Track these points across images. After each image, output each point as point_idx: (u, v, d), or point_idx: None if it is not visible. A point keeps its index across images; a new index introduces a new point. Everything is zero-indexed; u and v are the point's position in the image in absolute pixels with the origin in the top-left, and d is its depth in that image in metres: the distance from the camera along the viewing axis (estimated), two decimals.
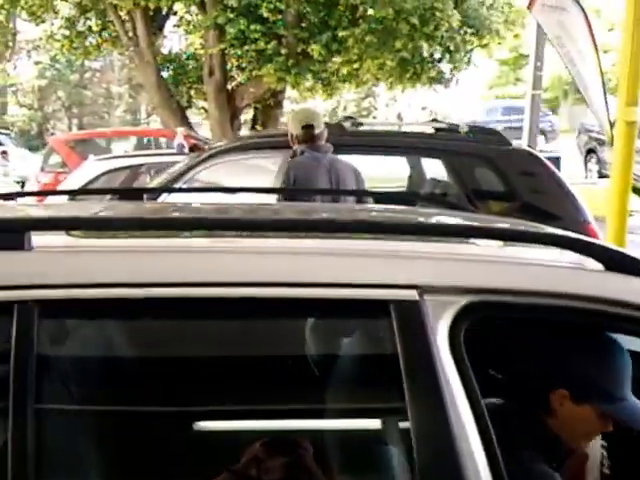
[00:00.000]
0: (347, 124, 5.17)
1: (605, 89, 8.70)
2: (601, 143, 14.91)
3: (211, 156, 4.98)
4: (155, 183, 5.65)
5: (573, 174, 12.96)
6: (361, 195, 3.70)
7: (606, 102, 8.50)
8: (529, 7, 9.76)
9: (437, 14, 10.76)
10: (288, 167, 4.18)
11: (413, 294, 1.54)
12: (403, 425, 1.54)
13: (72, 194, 4.45)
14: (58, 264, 1.59)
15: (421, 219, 2.49)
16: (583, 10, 9.21)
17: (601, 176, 14.31)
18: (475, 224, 2.18)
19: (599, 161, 14.87)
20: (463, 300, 1.56)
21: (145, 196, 3.30)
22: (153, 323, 1.72)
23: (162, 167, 8.27)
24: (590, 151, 15.50)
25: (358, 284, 1.57)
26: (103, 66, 30.92)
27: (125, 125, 29.66)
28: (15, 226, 1.62)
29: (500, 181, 5.05)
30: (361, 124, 5.33)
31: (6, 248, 1.55)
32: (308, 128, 4.33)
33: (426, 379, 1.49)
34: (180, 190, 3.94)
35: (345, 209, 2.67)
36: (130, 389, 1.70)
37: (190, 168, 5.00)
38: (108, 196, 4.59)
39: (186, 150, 8.57)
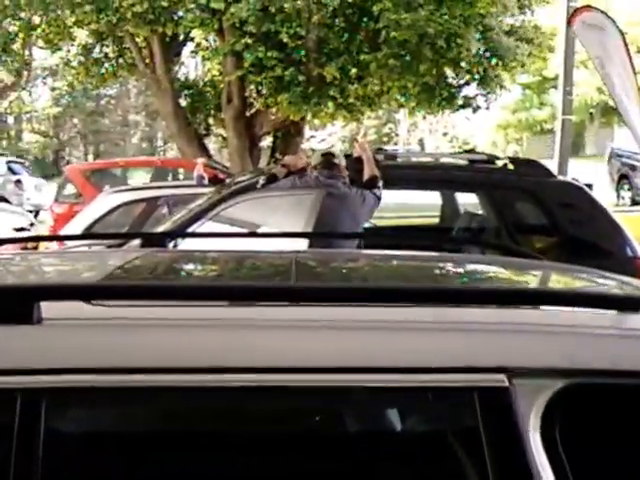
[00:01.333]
0: (379, 157, 4.78)
1: None
2: (633, 169, 14.45)
3: (237, 192, 4.55)
4: (175, 220, 5.19)
5: (605, 201, 12.53)
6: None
7: None
8: (569, 22, 9.46)
9: (458, 40, 10.40)
10: None
11: (501, 379, 1.28)
12: None
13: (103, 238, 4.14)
14: (73, 342, 1.29)
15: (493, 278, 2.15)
16: (620, 31, 8.88)
17: (634, 202, 13.84)
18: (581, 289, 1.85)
19: (632, 187, 14.40)
20: (559, 383, 1.30)
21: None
22: (195, 415, 1.39)
23: (181, 200, 7.94)
24: (622, 177, 15.01)
25: (432, 368, 1.29)
26: (119, 93, 30.85)
27: (142, 153, 29.51)
28: (21, 294, 1.31)
29: (543, 215, 4.71)
30: (395, 157, 4.95)
31: (11, 321, 1.26)
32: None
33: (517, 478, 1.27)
34: (199, 235, 3.50)
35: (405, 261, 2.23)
36: None
37: (214, 205, 4.55)
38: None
39: (206, 182, 8.19)
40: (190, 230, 4.48)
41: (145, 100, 29.33)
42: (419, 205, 6.78)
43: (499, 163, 5.09)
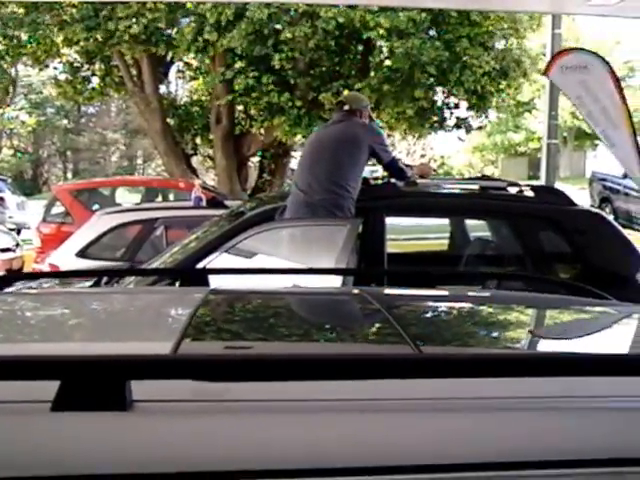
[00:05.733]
0: (400, 183, 4.70)
1: (637, 143, 8.35)
2: (615, 192, 14.66)
3: (256, 220, 4.35)
4: (181, 248, 4.90)
5: None
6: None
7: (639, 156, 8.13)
8: (546, 72, 9.53)
9: (472, 61, 10.50)
10: None
11: None
12: None
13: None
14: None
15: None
16: (607, 63, 8.97)
17: None
18: None
19: (614, 210, 14.59)
20: None
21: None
22: None
23: (179, 222, 7.84)
24: (604, 200, 15.23)
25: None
26: (99, 111, 30.62)
27: (121, 171, 29.24)
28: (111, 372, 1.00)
29: (566, 244, 4.62)
30: (415, 184, 4.84)
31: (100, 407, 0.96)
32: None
33: None
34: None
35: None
36: None
37: (229, 235, 4.16)
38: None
39: (203, 203, 8.12)
40: (206, 261, 4.02)
41: (125, 118, 29.16)
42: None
43: (511, 190, 4.95)
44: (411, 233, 8.18)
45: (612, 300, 2.14)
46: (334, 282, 3.08)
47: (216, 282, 2.36)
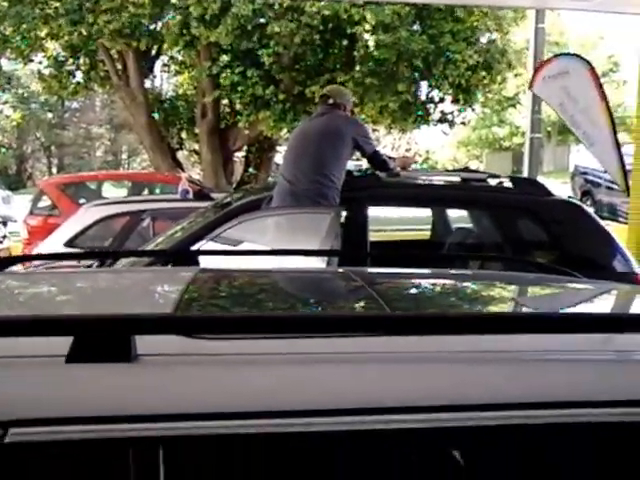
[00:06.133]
0: (382, 174, 4.79)
1: (617, 140, 8.44)
2: (596, 185, 14.84)
3: (242, 209, 4.45)
4: (166, 237, 4.99)
5: None
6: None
7: (619, 154, 8.23)
8: (531, 86, 9.66)
9: (455, 56, 10.60)
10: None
11: None
12: None
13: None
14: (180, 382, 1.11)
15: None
16: (587, 62, 9.07)
17: None
18: None
19: (595, 203, 14.77)
20: None
21: None
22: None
23: (165, 214, 7.92)
24: (585, 193, 15.42)
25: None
26: (83, 106, 30.48)
27: (106, 165, 29.19)
28: (117, 327, 1.13)
29: (544, 233, 4.74)
30: (398, 175, 4.95)
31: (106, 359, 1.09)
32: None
33: None
34: (212, 253, 2.93)
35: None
36: None
37: (216, 224, 4.30)
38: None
39: (190, 196, 8.19)
40: (194, 248, 4.15)
41: (110, 113, 29.08)
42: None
43: (492, 181, 5.05)
44: (396, 224, 8.31)
45: (582, 278, 2.28)
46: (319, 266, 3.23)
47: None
